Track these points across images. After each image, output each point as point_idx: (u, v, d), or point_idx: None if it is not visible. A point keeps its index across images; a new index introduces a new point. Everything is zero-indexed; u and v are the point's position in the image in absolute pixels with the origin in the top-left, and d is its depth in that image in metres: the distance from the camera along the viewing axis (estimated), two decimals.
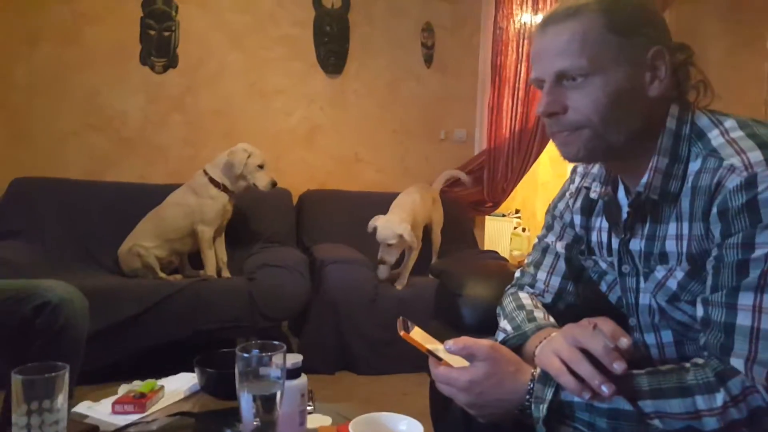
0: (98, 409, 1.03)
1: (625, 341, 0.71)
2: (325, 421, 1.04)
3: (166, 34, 3.10)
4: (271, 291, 2.46)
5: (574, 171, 1.02)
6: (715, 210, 0.73)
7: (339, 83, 3.41)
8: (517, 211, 4.04)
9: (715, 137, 0.77)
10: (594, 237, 0.95)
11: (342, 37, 3.37)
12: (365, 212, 2.76)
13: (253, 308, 2.42)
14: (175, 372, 1.23)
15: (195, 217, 2.62)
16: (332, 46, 3.36)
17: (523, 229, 3.94)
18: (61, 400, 0.76)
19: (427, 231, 3.02)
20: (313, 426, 1.00)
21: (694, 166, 0.77)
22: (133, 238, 2.60)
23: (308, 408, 1.02)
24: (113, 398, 1.05)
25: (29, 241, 2.55)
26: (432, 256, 3.06)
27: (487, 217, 3.75)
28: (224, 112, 3.23)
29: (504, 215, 3.92)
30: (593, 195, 0.91)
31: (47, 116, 2.95)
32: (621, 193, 0.89)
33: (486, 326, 1.07)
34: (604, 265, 0.94)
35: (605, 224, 0.92)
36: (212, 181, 2.65)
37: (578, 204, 0.98)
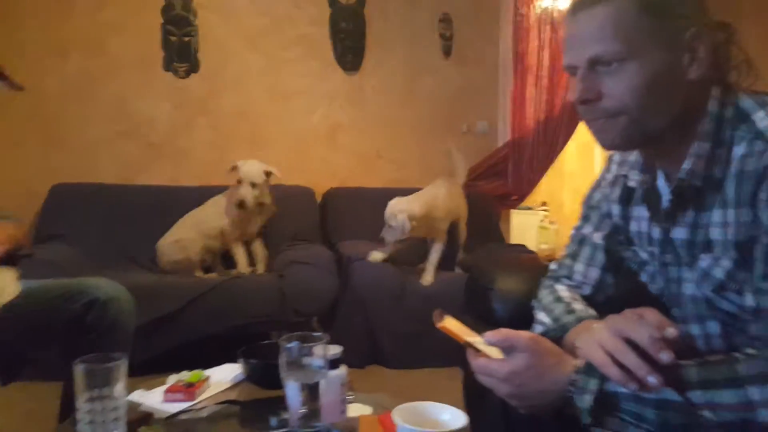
0: (150, 397, 1.07)
1: (671, 331, 0.69)
2: (365, 410, 1.05)
3: (187, 39, 3.15)
4: (301, 287, 2.51)
5: (610, 159, 0.99)
6: (764, 195, 0.71)
7: (357, 80, 3.42)
8: (543, 204, 3.99)
9: (761, 119, 0.74)
10: (633, 226, 0.93)
11: (358, 33, 3.38)
12: None
13: (285, 304, 2.48)
14: (212, 365, 1.26)
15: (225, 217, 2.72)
16: (349, 43, 3.37)
17: (551, 222, 3.89)
18: (120, 388, 0.80)
19: (452, 225, 3.01)
20: (354, 415, 1.01)
21: (738, 150, 0.75)
22: (175, 233, 2.72)
23: (348, 397, 1.04)
24: (164, 387, 1.09)
25: (70, 243, 2.65)
26: (458, 251, 3.06)
27: (512, 210, 3.72)
28: (247, 114, 3.27)
29: (530, 208, 3.88)
30: (631, 183, 0.90)
31: (79, 124, 3.03)
32: (660, 181, 0.87)
33: (518, 320, 1.06)
34: (644, 255, 0.92)
35: (644, 213, 0.90)
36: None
37: (616, 193, 0.95)
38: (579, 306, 0.92)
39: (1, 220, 1.53)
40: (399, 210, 2.60)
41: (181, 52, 3.15)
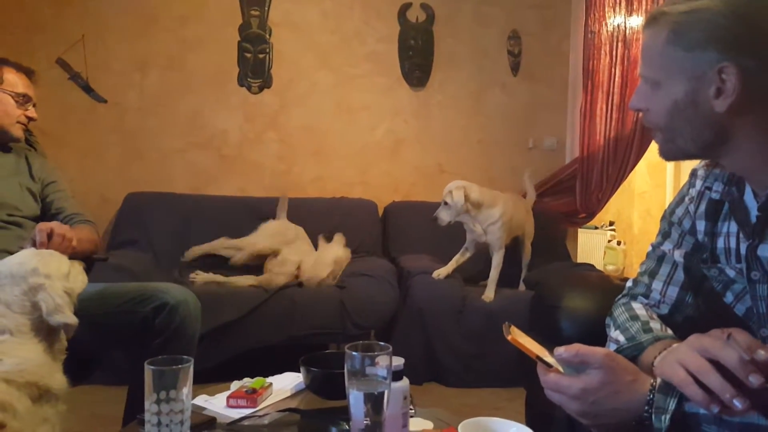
0: (214, 402, 1.09)
1: (763, 353, 0.66)
2: (426, 425, 1.03)
3: (261, 56, 3.28)
4: (361, 299, 2.52)
5: (693, 175, 0.96)
6: None
7: (423, 96, 3.43)
8: (611, 223, 3.82)
9: None
10: (720, 243, 0.89)
11: (426, 50, 3.40)
12: None
13: (344, 316, 2.48)
14: (272, 375, 1.26)
15: None
16: (417, 60, 3.39)
17: (618, 242, 3.71)
18: (186, 391, 0.81)
19: (516, 243, 2.93)
20: (416, 429, 0.99)
21: None
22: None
23: (410, 411, 1.01)
24: (227, 393, 1.11)
25: (142, 249, 2.80)
26: (522, 269, 2.97)
27: (579, 229, 3.59)
28: (314, 128, 3.35)
29: (596, 227, 3.73)
30: (714, 195, 0.87)
31: (156, 136, 3.21)
32: (748, 195, 0.83)
33: (587, 340, 1.03)
34: (731, 273, 0.87)
35: (733, 229, 0.86)
36: None
37: (702, 208, 0.91)
38: (656, 325, 0.90)
39: (86, 224, 1.63)
40: (456, 186, 2.57)
41: (255, 69, 3.27)
